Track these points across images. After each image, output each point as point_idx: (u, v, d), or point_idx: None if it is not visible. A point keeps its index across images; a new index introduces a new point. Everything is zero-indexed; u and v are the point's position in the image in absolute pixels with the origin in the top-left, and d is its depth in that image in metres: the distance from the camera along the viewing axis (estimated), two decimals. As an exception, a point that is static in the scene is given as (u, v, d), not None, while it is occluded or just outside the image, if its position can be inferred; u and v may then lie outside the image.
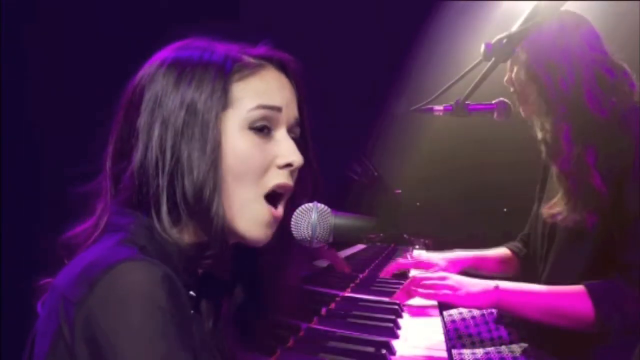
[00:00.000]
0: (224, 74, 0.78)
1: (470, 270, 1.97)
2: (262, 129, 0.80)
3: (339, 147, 2.15)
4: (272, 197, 0.82)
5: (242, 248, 0.85)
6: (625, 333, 1.39)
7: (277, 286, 0.91)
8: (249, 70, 0.80)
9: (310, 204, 0.88)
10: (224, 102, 0.77)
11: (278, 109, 0.81)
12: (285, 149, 0.81)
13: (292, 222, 0.87)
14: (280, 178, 0.81)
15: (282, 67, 0.85)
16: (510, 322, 1.88)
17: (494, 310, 1.91)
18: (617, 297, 1.38)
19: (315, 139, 0.90)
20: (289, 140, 0.82)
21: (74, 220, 0.82)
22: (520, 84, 1.59)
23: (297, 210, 0.87)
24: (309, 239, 0.87)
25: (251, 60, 0.82)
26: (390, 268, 2.03)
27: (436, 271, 1.77)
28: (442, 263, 1.94)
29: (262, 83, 0.81)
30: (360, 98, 3.06)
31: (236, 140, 0.78)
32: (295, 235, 0.87)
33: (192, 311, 0.76)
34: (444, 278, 1.54)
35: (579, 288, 1.41)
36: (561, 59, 1.48)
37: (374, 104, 3.38)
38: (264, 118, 0.80)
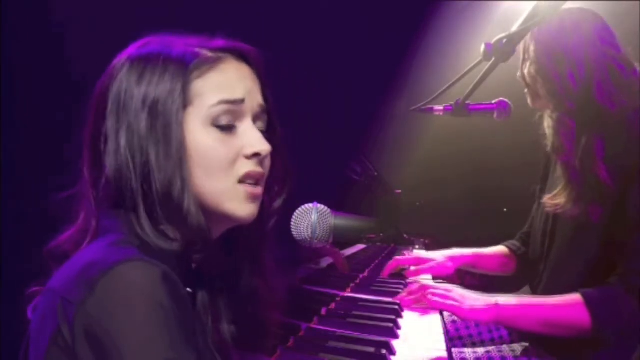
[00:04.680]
0: (183, 72, 0.78)
1: (468, 268, 1.97)
2: (227, 127, 0.79)
3: (339, 147, 2.14)
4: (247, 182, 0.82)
5: (224, 239, 0.85)
6: (623, 339, 1.38)
7: (257, 274, 0.89)
8: (207, 65, 0.80)
9: (311, 205, 0.88)
10: (185, 100, 0.77)
11: (241, 101, 0.80)
12: (251, 139, 0.81)
13: (292, 223, 0.87)
14: (249, 166, 0.81)
15: (242, 57, 0.84)
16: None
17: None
18: (615, 305, 1.37)
19: (315, 139, 0.90)
20: (254, 130, 0.82)
21: (53, 229, 0.81)
22: (531, 79, 1.61)
23: (297, 211, 0.87)
24: (309, 239, 0.87)
25: (209, 54, 0.81)
26: (390, 265, 2.03)
27: (432, 266, 1.87)
28: (441, 259, 1.94)
29: (222, 76, 0.80)
30: (361, 98, 3.05)
31: (200, 138, 0.78)
32: (295, 235, 0.87)
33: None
34: (449, 290, 1.54)
35: (576, 297, 1.40)
36: (571, 53, 1.49)
37: (374, 104, 3.38)
38: (227, 112, 0.79)
